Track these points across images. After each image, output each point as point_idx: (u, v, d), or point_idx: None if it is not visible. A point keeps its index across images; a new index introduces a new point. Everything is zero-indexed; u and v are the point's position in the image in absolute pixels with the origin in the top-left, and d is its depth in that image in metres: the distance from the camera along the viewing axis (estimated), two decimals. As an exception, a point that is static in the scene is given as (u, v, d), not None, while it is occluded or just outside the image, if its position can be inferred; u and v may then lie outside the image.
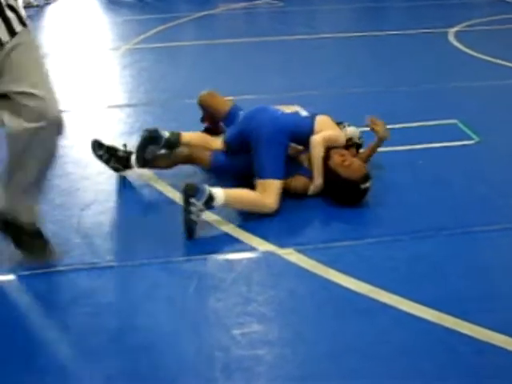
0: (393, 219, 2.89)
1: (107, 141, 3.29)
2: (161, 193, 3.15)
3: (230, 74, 5.32)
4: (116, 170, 3.23)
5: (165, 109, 4.45)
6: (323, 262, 2.52)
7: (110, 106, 4.57)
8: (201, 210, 2.66)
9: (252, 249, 2.66)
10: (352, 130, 3.28)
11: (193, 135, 3.27)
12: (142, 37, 6.56)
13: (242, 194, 2.87)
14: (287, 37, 6.64)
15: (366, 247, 2.67)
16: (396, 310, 2.24)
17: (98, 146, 3.21)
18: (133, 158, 3.16)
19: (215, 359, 2.01)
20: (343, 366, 1.99)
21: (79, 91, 4.97)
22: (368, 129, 3.25)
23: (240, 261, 2.59)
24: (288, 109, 3.17)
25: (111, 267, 2.54)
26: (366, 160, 3.18)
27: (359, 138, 3.30)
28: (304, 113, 3.16)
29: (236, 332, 2.13)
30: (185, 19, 7.73)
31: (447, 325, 2.13)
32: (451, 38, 6.51)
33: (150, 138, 3.11)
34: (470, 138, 3.76)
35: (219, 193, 2.73)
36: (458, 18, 7.48)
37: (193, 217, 2.64)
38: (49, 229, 2.81)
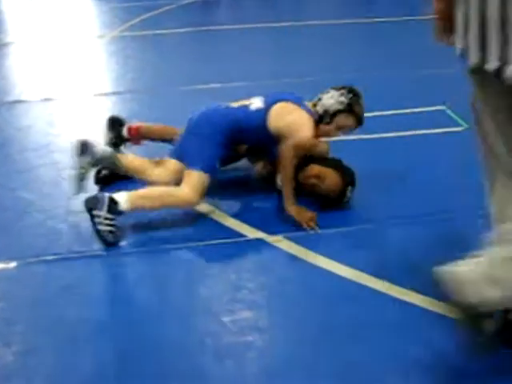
0: (380, 206, 2.89)
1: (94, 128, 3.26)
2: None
3: (218, 61, 5.29)
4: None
5: (151, 96, 4.41)
6: (312, 248, 2.53)
7: (96, 94, 4.53)
8: (107, 218, 2.58)
9: (241, 236, 2.65)
10: (328, 99, 2.92)
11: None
12: (128, 24, 6.50)
13: (150, 191, 2.74)
14: (276, 24, 6.60)
15: (355, 234, 2.68)
16: (385, 295, 2.25)
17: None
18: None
19: (205, 345, 2.01)
20: (333, 350, 1.99)
21: (65, 79, 4.92)
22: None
23: (229, 248, 2.58)
24: (241, 103, 2.95)
25: (99, 256, 2.53)
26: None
27: (341, 103, 2.91)
28: (257, 105, 2.89)
29: (226, 319, 2.13)
30: (171, 6, 7.66)
31: (438, 310, 2.14)
32: (439, 25, 6.49)
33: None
34: (458, 125, 3.77)
35: (121, 196, 2.64)
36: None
37: (101, 227, 2.57)
38: (36, 218, 2.80)
